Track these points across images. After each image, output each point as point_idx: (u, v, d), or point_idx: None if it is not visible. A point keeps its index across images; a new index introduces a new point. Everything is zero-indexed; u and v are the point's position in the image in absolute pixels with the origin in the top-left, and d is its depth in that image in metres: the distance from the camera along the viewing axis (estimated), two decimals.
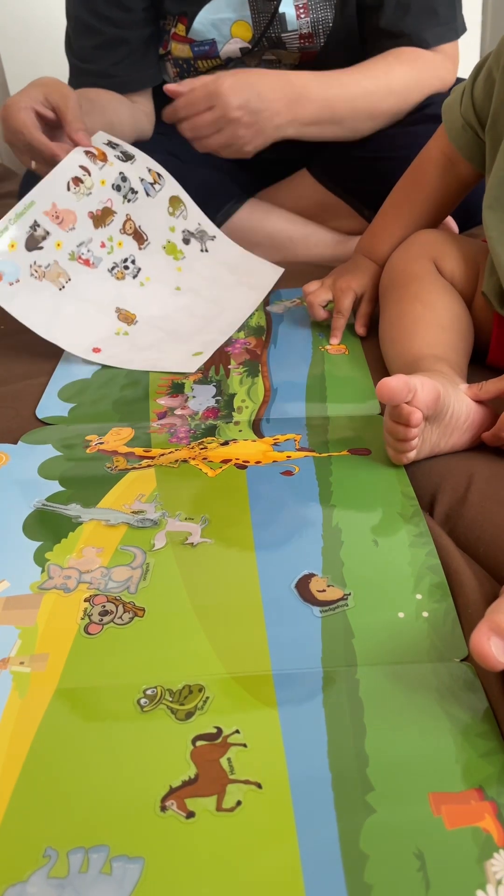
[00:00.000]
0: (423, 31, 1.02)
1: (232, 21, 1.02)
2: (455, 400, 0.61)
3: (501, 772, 0.39)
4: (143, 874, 0.36)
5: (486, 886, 0.34)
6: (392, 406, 0.59)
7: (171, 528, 0.58)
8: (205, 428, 0.72)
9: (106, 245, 0.91)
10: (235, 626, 0.49)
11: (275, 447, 0.68)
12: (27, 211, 0.85)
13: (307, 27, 1.01)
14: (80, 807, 0.39)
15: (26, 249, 0.84)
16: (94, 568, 0.55)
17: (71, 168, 0.88)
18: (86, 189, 0.89)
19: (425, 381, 0.58)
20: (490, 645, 0.40)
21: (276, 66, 1.07)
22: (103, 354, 0.84)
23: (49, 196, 0.86)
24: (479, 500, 0.59)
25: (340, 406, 0.74)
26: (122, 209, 0.92)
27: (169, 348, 0.86)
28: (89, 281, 0.88)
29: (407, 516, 0.57)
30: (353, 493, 0.61)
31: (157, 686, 0.45)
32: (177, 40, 1.06)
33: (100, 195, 0.90)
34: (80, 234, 0.88)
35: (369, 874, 0.35)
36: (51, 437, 0.72)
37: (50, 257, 0.86)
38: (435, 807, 0.37)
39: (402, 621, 0.49)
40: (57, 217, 0.87)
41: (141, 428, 0.72)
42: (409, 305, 0.76)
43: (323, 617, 0.49)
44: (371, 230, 0.91)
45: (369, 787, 0.38)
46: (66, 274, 0.87)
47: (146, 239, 0.95)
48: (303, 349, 0.86)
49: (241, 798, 0.38)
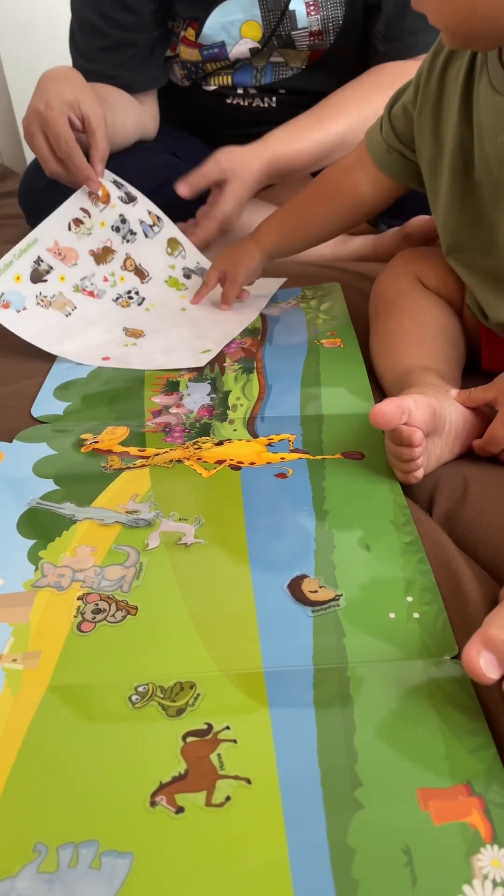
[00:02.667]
0: (418, 36, 1.00)
1: (241, 22, 1.01)
2: (450, 409, 0.61)
3: (489, 768, 0.39)
4: (133, 869, 0.36)
5: (473, 881, 0.35)
6: (390, 430, 0.58)
7: (165, 528, 0.59)
8: (199, 427, 0.72)
9: (109, 280, 0.94)
10: (228, 625, 0.50)
11: (269, 448, 0.68)
12: (30, 248, 0.89)
13: (317, 24, 1.01)
14: (71, 802, 0.39)
15: (31, 282, 0.88)
16: (87, 567, 0.55)
17: (73, 210, 0.92)
18: (86, 229, 0.93)
19: (418, 398, 0.58)
20: (480, 659, 0.40)
21: (282, 68, 1.07)
22: (112, 361, 0.85)
23: (51, 234, 0.91)
24: (477, 501, 0.59)
25: (335, 403, 0.74)
26: (122, 248, 0.96)
27: (177, 349, 0.87)
28: (95, 309, 0.91)
29: (399, 524, 0.58)
30: (346, 500, 0.61)
31: (149, 683, 0.45)
32: (186, 44, 1.06)
33: (99, 235, 0.94)
34: (83, 270, 0.92)
35: (357, 869, 0.35)
36: (45, 435, 0.72)
37: (55, 289, 0.89)
38: (423, 802, 0.38)
39: (393, 621, 0.49)
40: (59, 254, 0.91)
41: (136, 426, 0.73)
42: (398, 320, 0.76)
43: (315, 616, 0.50)
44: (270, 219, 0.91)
45: (358, 783, 0.39)
46: (71, 303, 0.90)
47: (147, 275, 0.97)
48: (298, 345, 0.86)
49: (231, 794, 0.39)
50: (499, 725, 0.42)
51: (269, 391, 0.78)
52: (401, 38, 1.00)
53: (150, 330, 0.91)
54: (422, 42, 1.00)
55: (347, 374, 0.79)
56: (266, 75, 1.08)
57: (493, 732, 0.41)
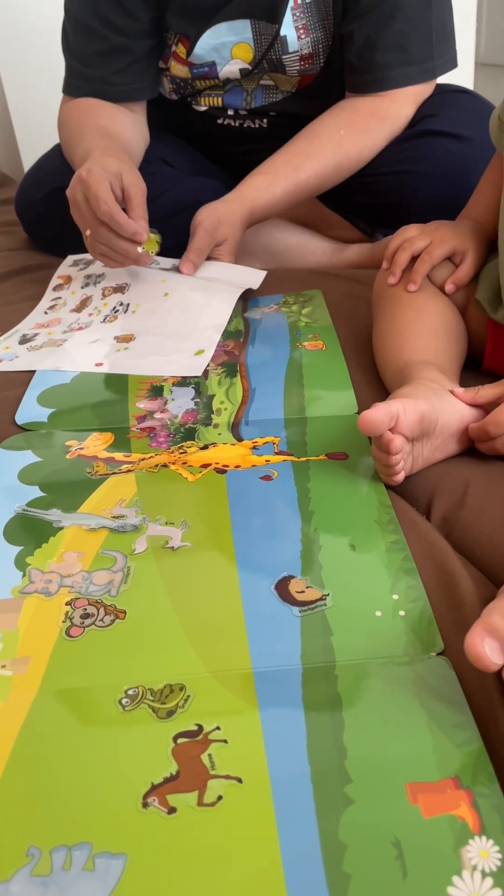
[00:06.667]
0: (389, 70, 0.99)
1: (233, 43, 1.02)
2: (444, 411, 0.61)
3: (477, 761, 0.40)
4: (126, 870, 0.36)
5: (462, 872, 0.35)
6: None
7: (152, 532, 0.59)
8: (184, 431, 0.72)
9: (93, 314, 0.96)
10: (216, 627, 0.50)
11: (254, 451, 0.69)
12: (13, 335, 0.95)
13: (308, 47, 1.01)
14: (63, 805, 0.39)
15: (19, 344, 0.92)
16: (74, 572, 0.55)
17: (44, 304, 1.01)
18: (62, 303, 1.00)
19: (407, 403, 0.58)
20: (484, 646, 0.40)
21: (272, 92, 1.07)
22: (105, 367, 0.85)
23: (32, 321, 0.98)
24: (475, 503, 0.59)
25: (318, 405, 0.75)
26: (96, 289, 0.99)
27: (170, 351, 0.87)
28: (85, 337, 0.92)
29: (383, 523, 0.58)
30: (331, 500, 0.61)
31: (139, 686, 0.46)
32: (177, 60, 1.06)
33: (74, 299, 1.00)
34: (67, 323, 0.95)
35: (348, 864, 0.36)
36: (30, 443, 0.72)
37: (44, 338, 0.93)
38: (412, 796, 0.38)
39: (380, 619, 0.50)
40: (44, 326, 0.96)
41: (121, 432, 0.73)
42: (401, 313, 0.77)
43: (302, 616, 0.50)
44: (475, 194, 0.86)
45: (347, 779, 0.39)
46: (61, 340, 0.91)
47: (127, 286, 0.98)
48: (280, 348, 0.87)
49: (222, 793, 0.39)
50: (484, 719, 0.42)
51: (253, 394, 0.78)
52: (371, 71, 0.99)
53: (139, 331, 0.91)
54: (392, 78, 1.00)
55: (330, 375, 0.80)
56: (256, 98, 1.08)
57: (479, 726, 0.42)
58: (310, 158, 0.99)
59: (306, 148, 0.99)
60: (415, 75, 1.01)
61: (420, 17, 0.97)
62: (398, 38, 0.97)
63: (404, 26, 0.96)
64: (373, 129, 1.01)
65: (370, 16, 0.96)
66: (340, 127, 1.00)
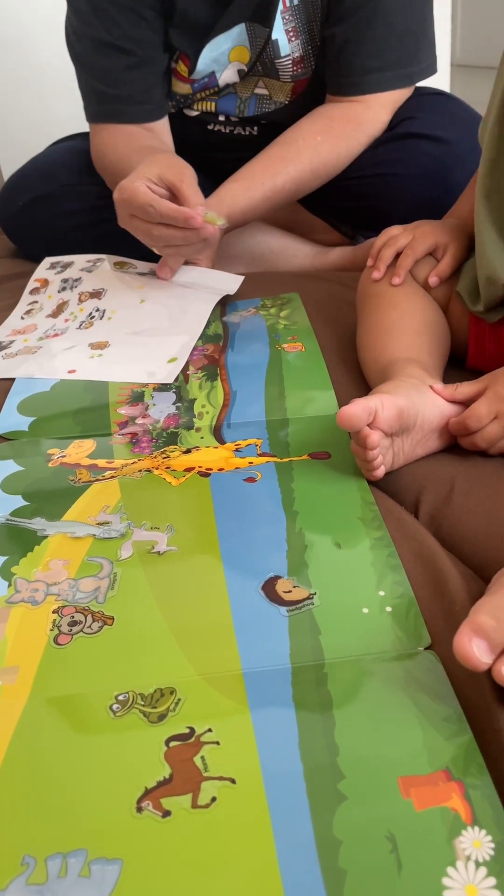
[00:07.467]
0: (367, 75, 0.99)
1: (230, 49, 1.02)
2: (423, 406, 0.61)
3: (467, 753, 0.40)
4: (122, 874, 0.36)
5: (456, 863, 0.36)
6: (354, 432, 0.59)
7: (137, 537, 0.59)
8: (167, 436, 0.73)
9: (69, 319, 0.95)
10: (204, 630, 0.50)
11: (236, 453, 0.69)
12: None
13: (298, 50, 1.02)
14: (57, 813, 0.39)
15: None
16: (61, 580, 0.55)
17: (21, 309, 1.00)
18: (38, 307, 1.00)
19: (385, 398, 0.59)
20: (472, 646, 0.41)
21: (266, 102, 1.08)
22: (79, 374, 0.85)
23: (8, 327, 0.97)
24: (462, 500, 0.60)
25: (299, 406, 0.75)
26: (73, 294, 1.00)
27: (144, 358, 0.87)
28: (60, 344, 0.91)
29: (367, 520, 0.59)
30: (315, 499, 0.62)
31: (129, 691, 0.46)
32: (178, 78, 1.06)
33: (51, 303, 1.00)
34: (43, 329, 0.95)
35: (343, 859, 0.36)
36: (12, 452, 0.72)
37: (20, 345, 0.92)
38: (404, 790, 0.39)
39: (367, 616, 0.50)
40: (20, 332, 0.95)
41: (103, 439, 0.73)
42: (384, 312, 0.77)
43: (290, 616, 0.50)
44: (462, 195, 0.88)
45: (340, 776, 0.40)
46: (36, 347, 0.91)
47: (104, 291, 0.99)
48: (260, 350, 0.87)
49: (216, 794, 0.39)
50: (474, 711, 0.43)
51: (234, 397, 0.78)
52: (350, 74, 1.00)
53: (114, 340, 0.91)
54: (369, 82, 1.00)
55: (310, 376, 0.80)
56: (249, 107, 1.09)
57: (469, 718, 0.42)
58: (287, 164, 0.99)
59: (283, 154, 1.00)
60: (392, 80, 1.01)
61: (401, 23, 0.98)
62: (377, 44, 0.98)
63: (384, 31, 0.97)
64: (349, 135, 1.02)
65: (351, 19, 0.97)
66: (317, 133, 1.01)
